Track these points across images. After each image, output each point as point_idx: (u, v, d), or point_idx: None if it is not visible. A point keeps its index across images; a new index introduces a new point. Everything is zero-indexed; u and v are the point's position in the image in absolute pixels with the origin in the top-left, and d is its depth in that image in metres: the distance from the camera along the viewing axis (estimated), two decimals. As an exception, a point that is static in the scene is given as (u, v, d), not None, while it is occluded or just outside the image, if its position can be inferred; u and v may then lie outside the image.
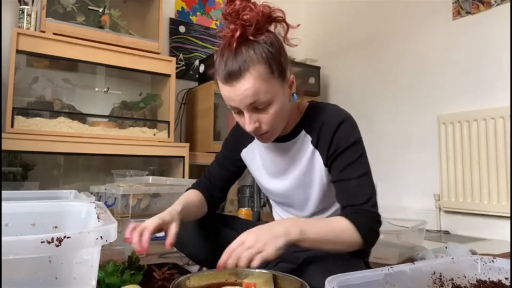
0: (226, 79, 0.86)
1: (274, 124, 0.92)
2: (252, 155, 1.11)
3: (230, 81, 0.86)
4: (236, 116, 0.94)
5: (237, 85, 0.85)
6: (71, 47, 2.04)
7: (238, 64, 0.85)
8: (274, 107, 0.89)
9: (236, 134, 1.14)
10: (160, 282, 1.07)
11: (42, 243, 0.47)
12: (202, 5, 2.95)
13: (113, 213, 1.64)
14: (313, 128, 0.99)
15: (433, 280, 0.67)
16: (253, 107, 0.88)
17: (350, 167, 0.94)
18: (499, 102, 2.21)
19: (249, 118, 0.89)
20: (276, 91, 0.88)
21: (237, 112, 0.92)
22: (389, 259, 1.41)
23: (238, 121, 0.95)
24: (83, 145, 1.98)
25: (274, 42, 0.88)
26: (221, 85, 0.89)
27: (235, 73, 0.85)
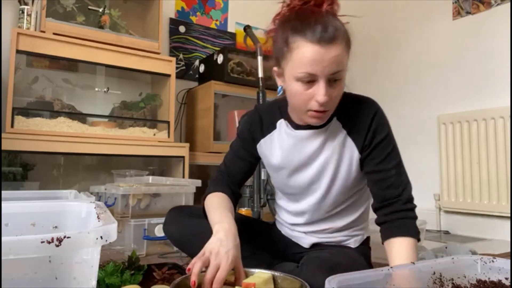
0: (319, 39, 0.82)
1: (336, 103, 0.91)
2: (271, 145, 1.06)
3: (324, 42, 0.82)
4: (301, 87, 0.87)
5: (330, 48, 0.82)
6: (71, 47, 2.04)
7: (332, 28, 0.83)
8: (341, 83, 0.88)
9: (253, 124, 1.09)
10: (160, 282, 1.07)
11: (42, 243, 0.47)
12: (202, 5, 2.95)
13: (113, 213, 1.64)
14: (345, 116, 0.97)
15: (433, 280, 0.67)
16: (331, 78, 0.85)
17: (388, 157, 0.95)
18: (499, 102, 2.21)
19: (326, 88, 0.85)
20: (346, 68, 0.88)
21: (306, 81, 0.86)
22: (389, 259, 1.40)
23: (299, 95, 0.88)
24: (83, 145, 1.98)
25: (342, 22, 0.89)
26: (307, 45, 0.83)
27: (330, 35, 0.82)
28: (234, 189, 1.09)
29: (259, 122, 1.07)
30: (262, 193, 1.88)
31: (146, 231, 1.62)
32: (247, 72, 2.63)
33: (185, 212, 1.14)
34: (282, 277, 0.82)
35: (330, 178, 0.99)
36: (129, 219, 1.65)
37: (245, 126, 1.11)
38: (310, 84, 0.86)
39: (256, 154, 1.10)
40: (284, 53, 0.88)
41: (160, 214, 1.72)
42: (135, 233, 1.62)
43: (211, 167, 2.60)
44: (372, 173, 0.96)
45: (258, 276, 0.81)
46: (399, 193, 0.93)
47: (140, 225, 1.63)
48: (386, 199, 0.93)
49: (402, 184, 0.94)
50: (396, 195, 0.93)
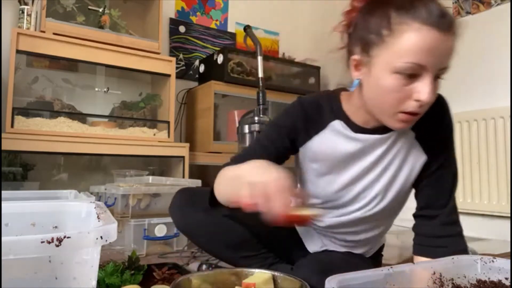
0: (438, 23, 0.67)
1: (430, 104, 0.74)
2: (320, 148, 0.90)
3: (443, 27, 0.67)
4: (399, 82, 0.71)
5: (449, 36, 0.68)
6: (71, 47, 2.04)
7: (448, 13, 0.69)
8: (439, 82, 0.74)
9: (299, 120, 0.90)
10: (160, 282, 1.07)
11: (42, 243, 0.47)
12: (202, 5, 2.95)
13: (113, 213, 1.64)
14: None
15: (433, 280, 0.67)
16: (439, 74, 0.72)
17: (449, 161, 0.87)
18: (499, 102, 2.21)
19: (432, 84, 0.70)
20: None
21: (407, 75, 0.70)
22: (389, 259, 1.41)
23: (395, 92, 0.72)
24: (83, 145, 1.98)
25: None
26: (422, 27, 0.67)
27: (449, 20, 0.68)
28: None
29: (304, 119, 0.90)
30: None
31: (146, 231, 1.62)
32: (247, 72, 2.63)
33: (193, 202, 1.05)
34: (282, 277, 0.82)
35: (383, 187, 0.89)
36: (129, 219, 1.65)
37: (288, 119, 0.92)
38: (411, 79, 0.71)
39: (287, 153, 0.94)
40: (381, 36, 0.71)
41: (160, 214, 1.72)
42: (135, 233, 1.62)
43: (211, 167, 2.60)
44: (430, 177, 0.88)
45: (258, 276, 0.81)
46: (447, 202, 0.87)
47: (140, 225, 1.63)
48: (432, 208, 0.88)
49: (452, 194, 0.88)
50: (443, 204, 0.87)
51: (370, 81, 0.77)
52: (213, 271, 0.84)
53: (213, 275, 0.83)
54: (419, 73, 0.70)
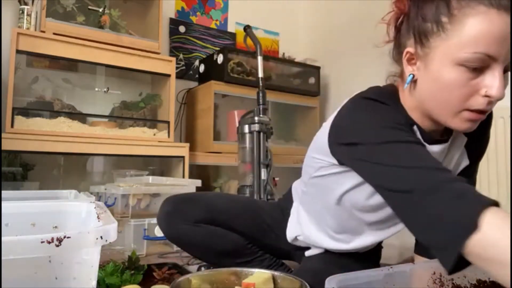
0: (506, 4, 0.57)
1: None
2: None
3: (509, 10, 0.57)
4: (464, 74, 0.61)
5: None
6: (71, 47, 2.04)
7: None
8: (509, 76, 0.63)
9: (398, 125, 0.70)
10: (160, 282, 1.07)
11: (42, 243, 0.47)
12: (202, 5, 2.95)
13: (113, 213, 1.64)
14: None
15: (433, 280, 0.67)
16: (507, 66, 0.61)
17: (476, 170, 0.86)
18: (499, 102, 2.21)
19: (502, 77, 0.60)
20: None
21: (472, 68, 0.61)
22: (389, 259, 1.41)
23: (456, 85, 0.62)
24: (83, 145, 1.98)
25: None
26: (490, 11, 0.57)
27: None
28: None
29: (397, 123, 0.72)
30: (262, 193, 1.88)
31: (146, 231, 1.62)
32: (247, 72, 2.63)
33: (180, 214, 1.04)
34: (282, 277, 0.82)
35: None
36: (129, 219, 1.65)
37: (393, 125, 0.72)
38: (477, 72, 0.61)
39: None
40: (440, 24, 0.63)
41: (160, 214, 1.72)
42: (135, 233, 1.62)
43: (211, 167, 2.60)
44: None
45: (258, 276, 0.81)
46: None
47: (140, 225, 1.63)
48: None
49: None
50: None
51: (428, 76, 0.67)
52: (213, 271, 0.84)
53: (213, 275, 0.83)
54: (487, 64, 0.60)
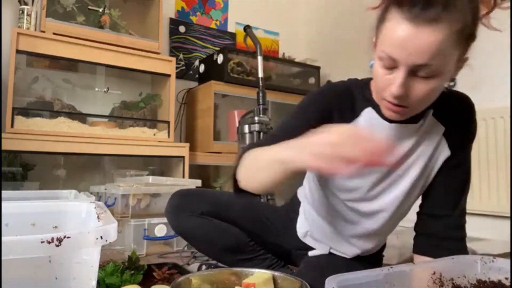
0: (415, 15, 0.64)
1: (422, 102, 0.73)
2: None
3: (419, 21, 0.63)
4: (381, 70, 0.72)
5: (426, 30, 0.63)
6: (71, 47, 2.04)
7: (441, 4, 0.63)
8: (436, 81, 0.69)
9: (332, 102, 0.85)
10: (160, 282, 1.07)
11: (42, 243, 0.47)
12: (202, 5, 2.95)
13: (113, 213, 1.64)
14: (442, 112, 0.84)
15: (433, 280, 0.67)
16: (415, 70, 0.67)
17: (466, 161, 0.87)
18: (499, 102, 2.21)
19: (403, 79, 0.68)
20: (450, 64, 0.69)
21: (387, 66, 0.70)
22: (389, 259, 1.41)
23: (378, 77, 0.73)
24: (83, 145, 1.98)
25: (478, 8, 0.70)
26: (398, 20, 0.66)
27: (432, 13, 0.63)
28: None
29: (338, 102, 0.85)
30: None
31: (146, 231, 1.62)
32: (247, 72, 2.63)
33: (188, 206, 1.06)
34: (282, 277, 0.82)
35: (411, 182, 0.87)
36: (129, 219, 1.65)
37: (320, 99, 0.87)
38: (392, 70, 0.70)
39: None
40: (380, 21, 0.73)
41: (160, 214, 1.72)
42: (135, 233, 1.62)
43: (211, 167, 2.60)
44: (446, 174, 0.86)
45: (258, 276, 0.81)
46: (457, 203, 0.86)
47: (140, 225, 1.63)
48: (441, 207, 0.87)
49: (464, 195, 0.87)
50: (453, 205, 0.86)
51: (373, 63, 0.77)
52: (213, 271, 0.84)
53: (213, 275, 0.83)
54: (395, 65, 0.69)
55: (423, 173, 0.87)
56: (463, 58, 0.74)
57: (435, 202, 0.88)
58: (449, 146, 0.86)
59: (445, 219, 0.87)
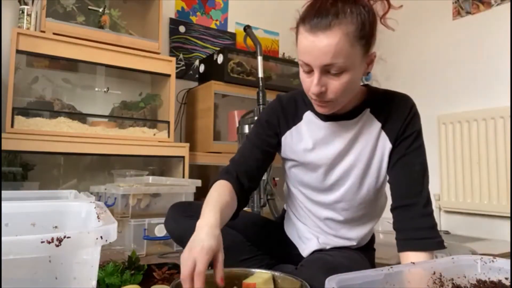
0: (312, 27, 0.79)
1: (340, 95, 0.85)
2: (299, 137, 1.01)
3: (316, 30, 0.79)
4: (303, 75, 0.86)
5: (322, 36, 0.78)
6: (71, 47, 2.04)
7: (331, 14, 0.78)
8: (347, 76, 0.82)
9: (277, 112, 1.03)
10: (160, 282, 1.07)
11: (42, 243, 0.47)
12: (202, 5, 2.95)
13: (113, 213, 1.64)
14: (379, 109, 0.95)
15: (433, 280, 0.67)
16: (326, 69, 0.81)
17: (415, 152, 0.93)
18: (499, 102, 2.21)
19: (318, 79, 0.82)
20: (356, 61, 0.82)
21: (306, 71, 0.85)
22: (389, 259, 1.41)
23: (303, 82, 0.88)
24: (83, 145, 1.98)
25: (371, 11, 0.84)
26: (303, 33, 0.81)
27: (325, 22, 0.78)
28: (243, 180, 0.98)
29: (282, 112, 1.02)
30: (262, 193, 1.88)
31: (146, 231, 1.62)
32: (247, 72, 2.63)
33: (186, 212, 1.10)
34: (282, 277, 0.82)
35: (361, 173, 0.97)
36: (129, 219, 1.65)
37: (269, 112, 1.04)
38: (310, 73, 0.84)
39: (274, 144, 1.03)
40: (296, 39, 0.86)
41: (160, 214, 1.73)
42: (135, 233, 1.63)
43: (211, 167, 2.60)
44: (397, 165, 0.94)
45: (258, 276, 0.81)
46: (420, 191, 0.91)
47: (140, 225, 1.63)
48: (406, 197, 0.91)
49: (424, 184, 0.92)
50: (416, 192, 0.91)
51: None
52: (212, 271, 0.84)
53: (213, 275, 0.83)
54: (310, 69, 0.83)
55: (370, 164, 0.97)
56: (369, 54, 0.85)
57: (397, 194, 0.94)
58: (390, 139, 0.95)
59: (411, 209, 0.91)
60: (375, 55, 0.88)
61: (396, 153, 0.94)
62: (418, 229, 0.89)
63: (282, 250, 1.14)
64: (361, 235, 1.06)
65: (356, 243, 1.06)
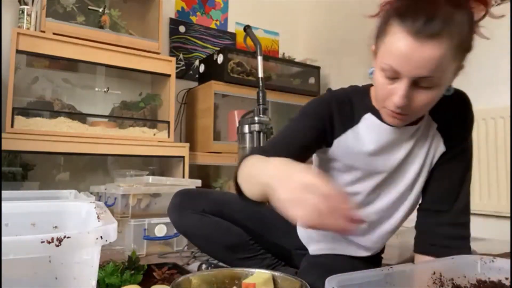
0: (417, 31, 0.66)
1: (421, 110, 0.76)
2: (359, 140, 0.88)
3: (422, 36, 0.66)
4: (383, 80, 0.74)
5: (427, 45, 0.66)
6: (71, 47, 2.04)
7: (441, 21, 0.66)
8: (437, 91, 0.73)
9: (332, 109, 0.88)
10: (160, 282, 1.07)
11: (42, 243, 0.47)
12: (202, 5, 2.95)
13: (113, 213, 1.64)
14: (436, 110, 0.84)
15: (433, 280, 0.67)
16: (416, 81, 0.70)
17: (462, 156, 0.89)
18: (499, 102, 2.21)
19: (406, 91, 0.71)
20: (449, 75, 0.73)
21: (390, 77, 0.73)
22: (389, 259, 1.41)
23: (381, 88, 0.76)
24: (83, 145, 1.98)
25: (473, 19, 0.73)
26: (402, 33, 0.68)
27: (433, 30, 0.66)
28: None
29: (338, 109, 0.88)
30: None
31: (146, 231, 1.62)
32: (247, 72, 2.63)
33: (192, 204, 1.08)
34: (282, 277, 0.82)
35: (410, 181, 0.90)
36: (129, 219, 1.65)
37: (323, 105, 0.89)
38: (392, 80, 0.73)
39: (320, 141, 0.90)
40: (381, 32, 0.75)
41: (160, 214, 1.72)
42: (135, 233, 1.62)
43: (211, 167, 2.60)
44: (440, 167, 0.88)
45: (258, 276, 0.81)
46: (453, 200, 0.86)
47: (140, 225, 1.63)
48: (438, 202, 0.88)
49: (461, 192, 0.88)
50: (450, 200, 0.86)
51: (374, 71, 0.80)
52: (213, 271, 0.84)
53: (213, 275, 0.83)
54: (398, 76, 0.72)
55: (421, 171, 0.89)
56: (459, 67, 0.77)
57: (431, 197, 0.89)
58: (444, 142, 0.88)
59: (443, 215, 0.87)
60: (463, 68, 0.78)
61: (447, 155, 0.88)
62: (445, 237, 0.86)
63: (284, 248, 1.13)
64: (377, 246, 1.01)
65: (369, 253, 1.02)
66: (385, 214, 0.94)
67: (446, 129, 0.88)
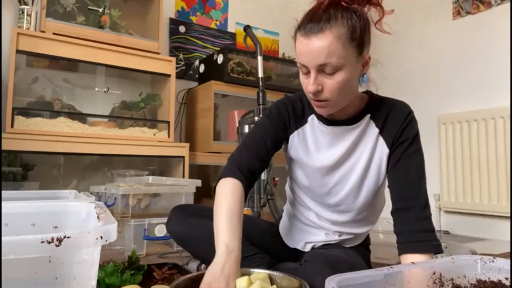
0: (306, 32, 0.86)
1: (336, 94, 0.89)
2: (304, 140, 1.05)
3: (309, 35, 0.86)
4: (302, 77, 0.92)
5: (315, 39, 0.85)
6: (71, 47, 2.04)
7: (323, 20, 0.85)
8: (342, 75, 0.87)
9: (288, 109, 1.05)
10: (160, 282, 1.07)
11: (42, 243, 0.47)
12: (202, 5, 2.95)
13: (113, 213, 1.64)
14: (378, 115, 0.99)
15: (433, 280, 0.67)
16: (321, 69, 0.87)
17: (412, 156, 0.96)
18: (499, 102, 2.21)
19: (314, 78, 0.87)
20: (349, 60, 0.87)
21: (304, 72, 0.90)
22: (389, 259, 1.41)
23: (302, 83, 0.93)
24: (83, 145, 1.98)
25: (363, 16, 0.90)
26: (299, 38, 0.89)
27: (318, 27, 0.85)
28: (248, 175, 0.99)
29: (292, 110, 1.06)
30: (262, 193, 1.88)
31: (146, 231, 1.62)
32: (247, 72, 2.63)
33: (189, 211, 1.14)
34: (280, 276, 0.82)
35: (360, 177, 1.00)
36: (129, 219, 1.65)
37: (280, 107, 1.06)
38: (307, 74, 0.89)
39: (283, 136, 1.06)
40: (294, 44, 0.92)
41: (160, 214, 1.73)
42: (135, 233, 1.63)
43: (211, 167, 2.60)
44: (394, 169, 0.97)
45: (254, 276, 0.81)
46: (416, 194, 0.92)
47: (140, 225, 1.63)
48: (402, 200, 0.93)
49: (421, 187, 0.94)
50: (413, 195, 0.92)
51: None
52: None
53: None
54: (307, 70, 0.88)
55: (368, 168, 1.00)
56: (363, 56, 0.90)
57: (395, 198, 0.96)
58: (387, 144, 0.98)
59: (408, 213, 0.92)
60: (370, 58, 0.92)
61: (393, 157, 0.97)
62: (415, 232, 0.90)
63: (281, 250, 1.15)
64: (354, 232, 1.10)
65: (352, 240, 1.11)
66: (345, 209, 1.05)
67: (387, 133, 0.98)
